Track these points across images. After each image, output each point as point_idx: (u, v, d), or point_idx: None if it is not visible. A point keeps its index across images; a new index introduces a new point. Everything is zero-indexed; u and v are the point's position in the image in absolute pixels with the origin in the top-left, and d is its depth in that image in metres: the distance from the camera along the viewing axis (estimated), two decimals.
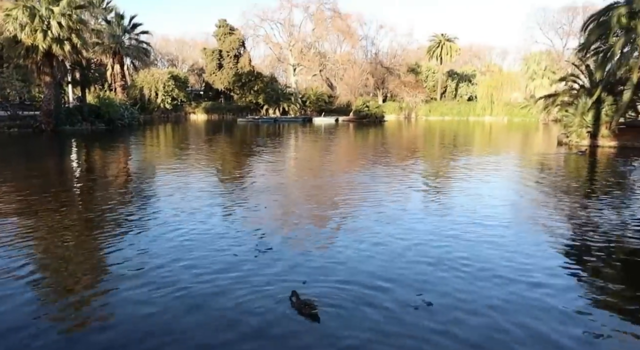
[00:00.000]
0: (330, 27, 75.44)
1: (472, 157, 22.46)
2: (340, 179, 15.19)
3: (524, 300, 5.74)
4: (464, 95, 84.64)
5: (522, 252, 7.54)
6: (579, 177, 17.32)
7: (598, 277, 6.71)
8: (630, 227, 9.56)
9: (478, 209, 10.80)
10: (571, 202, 11.99)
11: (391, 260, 7.14)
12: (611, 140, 25.59)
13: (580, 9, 74.09)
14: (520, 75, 76.21)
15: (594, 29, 25.64)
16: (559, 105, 30.92)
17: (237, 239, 8.22)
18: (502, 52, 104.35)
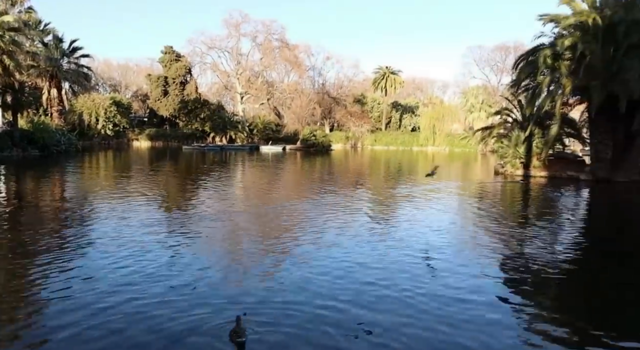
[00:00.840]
0: (278, 57, 76.48)
1: (416, 185, 23.11)
2: (286, 207, 15.10)
3: (464, 323, 5.81)
4: (408, 126, 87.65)
5: (461, 276, 7.70)
6: (514, 205, 18.21)
7: (536, 300, 6.95)
8: (558, 250, 10.07)
9: (419, 235, 11.03)
10: (506, 228, 12.52)
11: (332, 288, 7.07)
12: (542, 170, 27.18)
13: (511, 48, 79.39)
14: (459, 107, 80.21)
15: (523, 67, 27.50)
16: (494, 137, 32.66)
17: (175, 269, 7.89)
18: (443, 85, 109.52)
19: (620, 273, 8.62)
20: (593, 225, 14.50)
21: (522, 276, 8.15)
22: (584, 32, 23.78)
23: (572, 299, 7.31)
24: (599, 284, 7.92)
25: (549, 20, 25.98)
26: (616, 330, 5.90)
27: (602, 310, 6.71)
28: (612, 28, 23.15)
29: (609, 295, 7.30)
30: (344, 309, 6.27)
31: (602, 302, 7.04)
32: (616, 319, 6.33)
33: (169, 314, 5.97)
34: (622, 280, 8.09)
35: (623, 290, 7.52)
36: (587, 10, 24.62)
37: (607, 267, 9.05)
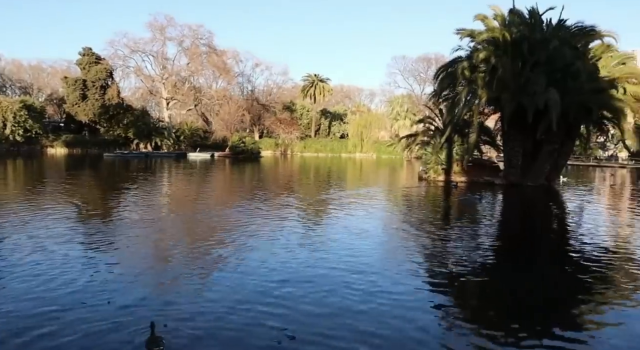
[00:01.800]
0: (205, 62, 75.04)
1: (345, 191, 23.58)
2: (214, 214, 14.81)
3: (389, 326, 6.01)
4: (337, 133, 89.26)
5: (383, 277, 7.96)
6: (436, 208, 19.15)
7: (456, 295, 7.36)
8: (474, 250, 10.74)
9: (344, 239, 11.29)
10: (429, 229, 13.13)
11: (258, 294, 7.05)
12: (461, 175, 28.82)
13: (433, 60, 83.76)
14: (386, 115, 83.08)
15: (443, 78, 29.10)
16: (418, 144, 34.18)
17: (90, 282, 7.48)
18: (370, 93, 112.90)
19: (529, 271, 9.34)
20: (505, 226, 15.59)
21: (442, 275, 8.61)
22: (496, 47, 25.63)
23: (485, 295, 7.82)
24: (509, 281, 8.53)
25: (466, 34, 27.74)
26: (527, 326, 6.40)
27: (513, 305, 7.25)
28: (519, 45, 25.18)
29: (518, 293, 7.89)
30: (268, 313, 6.27)
31: (512, 298, 7.60)
32: (526, 314, 6.86)
33: (78, 325, 5.67)
34: (531, 278, 8.77)
35: (531, 288, 8.16)
36: (498, 27, 26.57)
37: (518, 265, 9.76)
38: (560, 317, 6.73)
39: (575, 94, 23.85)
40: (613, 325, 6.39)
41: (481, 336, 5.93)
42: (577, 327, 6.43)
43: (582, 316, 6.90)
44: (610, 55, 26.59)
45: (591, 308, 7.20)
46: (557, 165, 28.04)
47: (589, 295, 7.79)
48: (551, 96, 22.95)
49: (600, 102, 24.57)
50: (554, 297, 7.65)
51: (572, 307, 7.24)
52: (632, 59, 29.20)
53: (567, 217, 18.39)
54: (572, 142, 29.29)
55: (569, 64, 24.48)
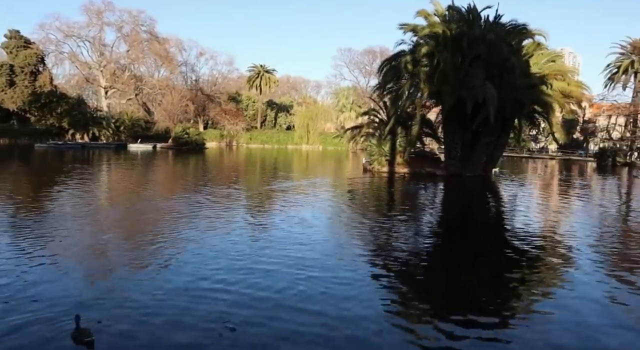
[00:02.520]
0: (146, 50, 72.33)
1: (290, 182, 23.61)
2: (154, 206, 14.38)
3: (332, 315, 6.13)
4: (283, 125, 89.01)
5: (331, 268, 8.11)
6: (380, 198, 19.64)
7: (397, 282, 7.61)
8: (418, 235, 11.15)
9: (289, 229, 11.33)
10: (373, 218, 13.46)
11: (196, 285, 6.95)
12: (405, 167, 29.63)
13: (378, 53, 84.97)
14: (332, 107, 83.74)
15: (387, 71, 29.71)
16: (363, 136, 34.77)
17: (18, 276, 7.10)
18: (316, 85, 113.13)
19: (468, 257, 9.81)
20: (447, 214, 16.24)
21: (385, 262, 8.86)
22: (437, 42, 26.45)
23: (427, 280, 8.15)
24: (451, 267, 8.94)
25: (409, 29, 28.44)
26: (466, 310, 6.75)
27: (453, 291, 7.61)
28: (459, 40, 26.13)
29: (461, 277, 8.28)
30: (209, 305, 6.22)
31: (454, 283, 7.98)
32: (466, 299, 7.23)
33: (2, 318, 5.40)
34: (470, 263, 9.23)
35: (472, 273, 8.59)
36: (439, 23, 27.42)
37: (458, 252, 10.24)
38: (496, 301, 7.11)
39: (510, 88, 25.12)
40: (546, 309, 6.81)
41: (421, 323, 6.17)
42: (513, 310, 6.81)
43: (517, 300, 7.32)
44: (541, 53, 28.19)
45: (525, 291, 7.66)
46: (493, 156, 29.48)
47: (522, 280, 8.26)
48: (489, 90, 24.04)
49: (532, 97, 26.03)
50: (490, 281, 8.08)
51: (507, 291, 7.66)
52: (560, 57, 31.12)
53: (503, 205, 19.41)
54: (506, 135, 30.86)
55: (505, 60, 25.72)
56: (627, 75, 59.03)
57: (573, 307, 6.62)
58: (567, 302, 6.86)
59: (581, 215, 16.41)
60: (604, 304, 6.80)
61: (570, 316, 6.31)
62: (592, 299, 6.95)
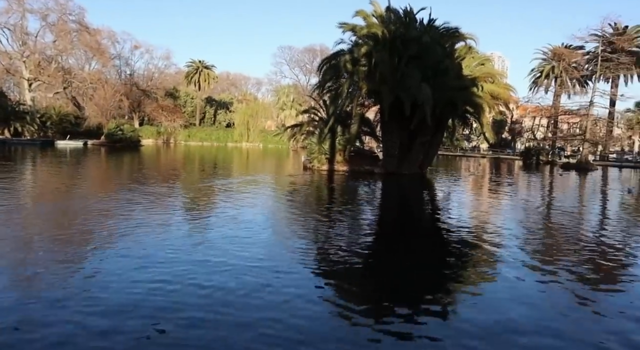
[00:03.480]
0: (76, 41, 68.45)
1: (230, 179, 23.21)
2: (83, 204, 13.65)
3: (272, 314, 6.09)
4: (223, 122, 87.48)
5: (271, 266, 8.05)
6: (321, 195, 19.80)
7: (337, 277, 7.69)
8: (357, 231, 11.34)
9: (229, 226, 11.16)
10: (313, 216, 13.54)
11: (132, 288, 6.69)
12: (344, 165, 30.03)
13: (318, 51, 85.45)
14: (272, 105, 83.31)
15: (327, 70, 29.96)
16: (304, 134, 34.89)
17: None
18: (256, 83, 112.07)
19: (405, 251, 10.10)
20: (385, 211, 16.64)
21: (325, 258, 8.96)
22: (375, 43, 27.00)
23: (366, 275, 8.31)
24: (387, 261, 9.16)
25: (349, 29, 28.83)
26: (403, 302, 6.94)
27: (390, 283, 7.80)
28: (397, 41, 26.83)
29: (394, 271, 8.51)
30: (134, 306, 6.01)
31: (392, 274, 8.18)
32: (403, 291, 7.44)
33: None
34: (407, 257, 9.51)
35: (406, 267, 8.86)
36: (377, 24, 28.01)
37: (395, 247, 10.52)
38: (430, 292, 7.39)
39: (444, 89, 26.11)
40: (474, 295, 7.20)
41: (361, 315, 6.27)
42: (445, 300, 7.10)
43: (450, 289, 7.64)
44: (472, 56, 29.54)
45: (457, 281, 8.02)
46: (428, 155, 30.56)
47: (455, 271, 8.65)
48: (425, 91, 24.86)
49: (464, 98, 27.22)
50: (425, 274, 8.38)
51: (441, 282, 7.98)
52: (489, 61, 32.83)
53: (437, 201, 20.19)
54: (441, 134, 32.09)
55: (439, 62, 26.72)
56: (549, 79, 63.25)
57: (498, 291, 7.08)
58: (495, 286, 7.36)
59: (509, 209, 17.40)
60: (522, 288, 7.25)
61: (495, 299, 6.75)
62: (512, 284, 7.39)
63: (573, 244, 11.20)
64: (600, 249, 10.55)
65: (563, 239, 11.90)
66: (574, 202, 21.15)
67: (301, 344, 5.22)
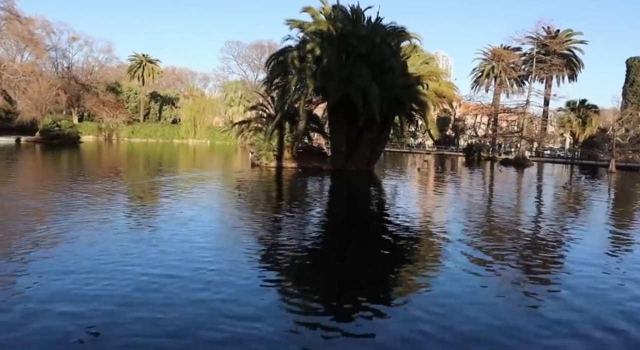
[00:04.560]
0: (5, 30, 64.09)
1: (175, 177, 22.55)
2: (14, 205, 12.79)
3: (221, 314, 5.94)
4: (168, 118, 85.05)
5: (220, 264, 7.85)
6: (268, 192, 19.63)
7: (286, 274, 7.62)
8: (305, 231, 11.31)
9: (175, 226, 10.81)
10: (261, 213, 13.38)
11: (72, 289, 6.34)
12: (292, 162, 29.97)
13: (266, 47, 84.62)
14: (220, 101, 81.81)
15: (275, 66, 29.75)
16: (252, 130, 34.48)
17: None
18: (203, 78, 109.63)
19: (354, 247, 10.18)
20: (333, 207, 16.72)
21: (273, 255, 8.85)
22: (322, 40, 27.08)
23: (319, 271, 8.30)
24: (337, 257, 9.19)
25: (296, 25, 28.74)
26: (352, 296, 6.97)
27: (340, 278, 7.83)
28: (344, 38, 27.02)
29: (344, 267, 8.56)
30: (70, 310, 5.69)
31: (340, 268, 8.21)
32: (353, 287, 7.48)
33: None
34: (355, 252, 9.58)
35: (355, 262, 8.92)
36: (325, 20, 28.09)
37: (344, 242, 10.58)
38: (379, 286, 7.47)
39: (390, 87, 26.60)
40: (422, 287, 7.36)
41: (310, 312, 6.24)
42: (394, 292, 7.23)
43: (397, 282, 7.78)
44: (417, 54, 30.25)
45: (403, 275, 8.18)
46: (375, 151, 31.04)
47: (402, 264, 8.81)
48: (372, 89, 25.21)
49: (410, 95, 27.84)
50: (373, 269, 8.47)
51: (388, 275, 8.10)
52: (434, 60, 33.75)
53: (384, 196, 20.54)
54: (387, 131, 32.66)
55: (386, 60, 27.15)
56: (489, 79, 65.99)
57: (443, 282, 7.33)
58: (440, 278, 7.59)
59: (453, 204, 17.98)
60: (465, 278, 7.49)
61: (441, 289, 6.98)
62: (456, 275, 7.63)
63: (513, 236, 11.72)
64: (538, 242, 11.11)
65: (503, 232, 12.40)
66: (513, 197, 22.19)
67: (252, 342, 5.12)
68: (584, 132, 61.68)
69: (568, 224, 14.22)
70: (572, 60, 63.71)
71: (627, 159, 50.14)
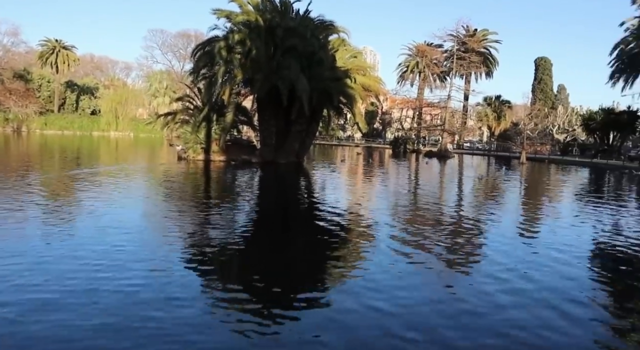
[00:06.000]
0: None
1: (95, 171, 21.28)
2: None
3: (153, 314, 5.70)
4: (87, 109, 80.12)
5: (145, 262, 7.52)
6: (197, 186, 19.09)
7: (217, 267, 7.44)
8: (236, 221, 11.14)
9: (93, 223, 10.20)
10: (190, 207, 12.98)
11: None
12: (221, 155, 29.35)
13: (193, 37, 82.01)
14: (144, 92, 78.26)
15: (201, 56, 28.89)
16: (178, 122, 33.28)
17: None
18: (126, 67, 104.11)
19: (285, 239, 10.16)
20: (263, 200, 16.58)
21: (207, 250, 8.62)
22: (250, 30, 26.69)
23: (250, 265, 8.20)
24: (269, 249, 9.13)
25: (224, 15, 28.09)
26: (288, 288, 6.96)
27: (274, 271, 7.78)
28: (273, 30, 26.81)
29: (277, 259, 8.52)
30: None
31: (274, 261, 8.16)
32: (287, 278, 7.45)
33: None
34: (288, 244, 9.57)
35: (288, 251, 8.91)
36: (253, 11, 27.68)
37: (276, 234, 10.53)
38: (314, 276, 7.53)
39: (319, 80, 26.82)
40: (355, 274, 7.51)
41: (246, 300, 6.15)
42: (323, 281, 7.29)
43: (331, 272, 7.85)
44: (345, 48, 30.73)
45: (333, 264, 8.27)
46: (305, 144, 31.20)
47: (334, 255, 8.91)
48: (301, 82, 25.26)
49: (338, 88, 28.23)
50: (307, 260, 8.52)
51: (322, 266, 8.16)
52: (361, 54, 34.47)
53: (314, 189, 20.70)
54: (316, 124, 32.93)
55: (315, 53, 27.31)
56: (414, 74, 68.56)
57: (373, 272, 7.49)
58: (371, 268, 7.74)
59: (381, 194, 18.52)
60: (392, 268, 7.76)
61: (371, 278, 7.14)
62: (385, 266, 7.88)
63: (437, 224, 12.29)
64: (459, 229, 11.74)
65: (427, 220, 12.96)
66: (436, 187, 23.27)
67: (175, 343, 4.96)
68: (499, 126, 65.97)
69: (483, 210, 15.18)
70: (489, 58, 67.75)
71: (536, 150, 54.35)
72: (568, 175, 34.20)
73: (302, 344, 5.07)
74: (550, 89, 78.39)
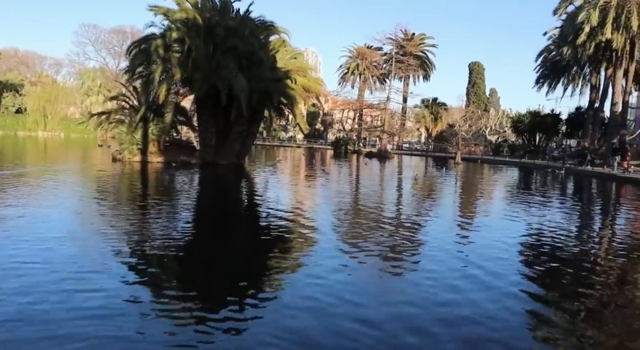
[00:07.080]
0: None
1: (23, 172, 20.00)
2: None
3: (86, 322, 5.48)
4: (11, 107, 75.03)
5: (85, 266, 7.21)
6: (132, 190, 18.43)
7: (159, 271, 7.24)
8: (175, 228, 10.86)
9: (22, 227, 9.65)
10: (126, 210, 12.52)
11: None
12: (159, 156, 28.49)
13: (129, 33, 78.98)
14: (76, 90, 74.52)
15: (137, 54, 27.94)
16: (113, 122, 31.95)
17: None
18: (55, 63, 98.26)
19: (227, 240, 10.04)
20: (202, 202, 16.29)
21: (143, 254, 8.37)
22: (189, 29, 26.16)
23: (189, 270, 8.05)
24: (211, 251, 9.00)
25: (161, 12, 27.35)
26: (232, 288, 6.90)
27: (217, 272, 7.69)
28: (212, 29, 26.40)
29: (219, 261, 8.41)
30: None
31: (215, 266, 8.05)
32: (231, 279, 7.39)
33: None
34: (229, 246, 9.47)
35: (230, 255, 8.83)
36: (191, 9, 27.13)
37: (217, 236, 10.38)
38: (258, 277, 7.51)
39: (259, 80, 26.72)
40: (299, 276, 7.56)
41: (186, 304, 6.06)
42: (266, 283, 7.30)
43: (269, 273, 7.87)
44: (285, 49, 30.81)
45: (275, 266, 8.29)
46: (245, 145, 30.95)
47: (274, 255, 8.91)
48: (240, 82, 25.04)
49: (279, 89, 28.25)
50: (248, 261, 8.49)
51: (260, 267, 8.15)
52: (302, 56, 34.72)
53: (255, 190, 20.60)
54: (257, 124, 32.79)
55: (254, 53, 27.16)
56: (355, 75, 69.83)
57: (318, 271, 7.58)
58: (315, 269, 7.78)
59: (322, 195, 18.75)
60: (338, 267, 7.93)
61: (316, 278, 7.21)
62: (332, 264, 8.02)
63: (377, 224, 12.62)
64: (398, 228, 12.13)
65: (368, 220, 13.29)
66: (376, 187, 23.84)
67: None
68: (436, 127, 68.62)
69: (420, 209, 15.78)
70: (426, 62, 70.29)
71: (470, 151, 57.01)
72: (499, 175, 36.18)
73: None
74: (483, 92, 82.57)
